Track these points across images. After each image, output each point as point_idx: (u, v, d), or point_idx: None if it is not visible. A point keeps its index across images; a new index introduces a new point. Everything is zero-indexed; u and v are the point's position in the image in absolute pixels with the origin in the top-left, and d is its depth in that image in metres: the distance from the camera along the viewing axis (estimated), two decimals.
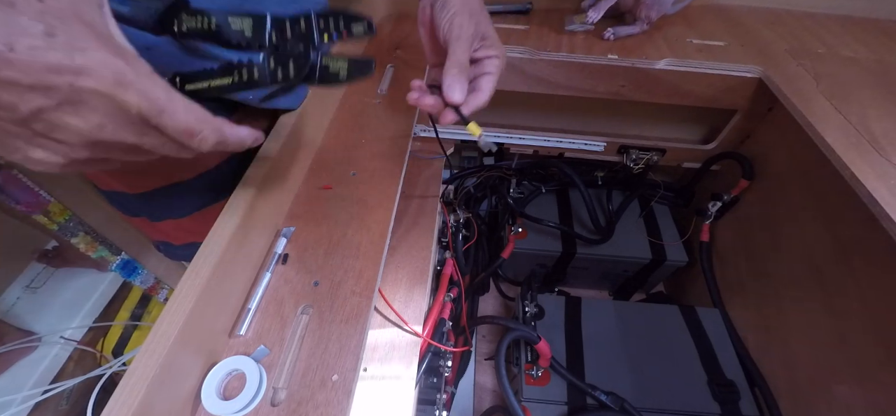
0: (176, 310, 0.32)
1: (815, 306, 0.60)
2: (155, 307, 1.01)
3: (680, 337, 0.72)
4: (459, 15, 0.37)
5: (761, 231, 0.72)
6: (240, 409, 0.34)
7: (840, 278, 0.56)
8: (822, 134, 0.52)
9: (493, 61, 0.39)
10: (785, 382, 0.64)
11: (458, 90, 0.36)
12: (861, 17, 0.81)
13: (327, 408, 0.34)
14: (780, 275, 0.67)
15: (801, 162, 0.63)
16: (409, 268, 0.46)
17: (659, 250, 0.84)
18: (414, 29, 0.74)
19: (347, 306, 0.40)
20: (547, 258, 0.87)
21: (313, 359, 0.37)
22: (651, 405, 0.63)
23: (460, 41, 0.37)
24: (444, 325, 0.46)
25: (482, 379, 0.87)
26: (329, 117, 0.58)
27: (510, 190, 0.89)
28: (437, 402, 0.49)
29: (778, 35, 0.74)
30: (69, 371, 0.94)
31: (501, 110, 0.82)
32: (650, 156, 0.80)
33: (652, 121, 0.81)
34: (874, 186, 0.45)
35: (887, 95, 0.59)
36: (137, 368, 0.29)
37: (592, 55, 0.67)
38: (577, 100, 0.73)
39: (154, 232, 0.54)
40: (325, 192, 0.50)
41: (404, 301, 0.43)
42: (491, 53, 0.39)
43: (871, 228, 0.49)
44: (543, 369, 0.65)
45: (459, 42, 0.37)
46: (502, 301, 0.98)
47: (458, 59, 0.36)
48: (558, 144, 0.79)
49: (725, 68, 0.66)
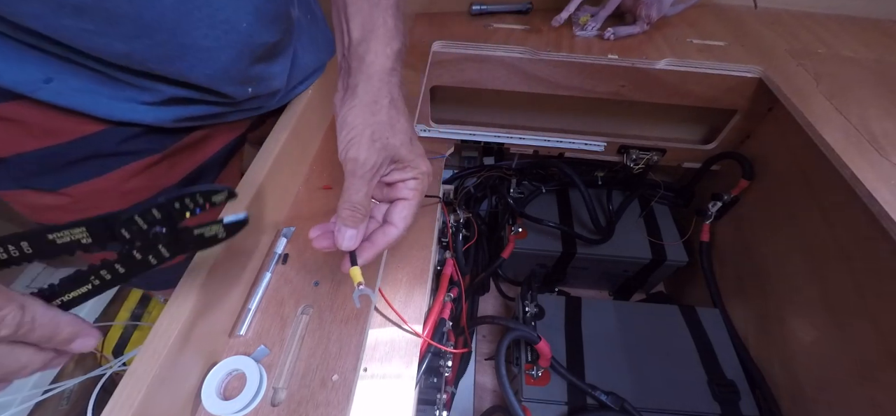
0: (176, 310, 0.32)
1: (815, 306, 0.60)
2: (155, 307, 1.01)
3: (680, 337, 0.72)
4: (356, 142, 0.31)
5: (761, 231, 0.72)
6: (240, 409, 0.34)
7: (840, 277, 0.56)
8: (823, 134, 0.52)
9: (409, 184, 0.34)
10: (785, 382, 0.64)
11: (347, 237, 0.32)
12: (861, 17, 0.81)
13: (327, 408, 0.34)
14: (780, 275, 0.67)
15: (801, 162, 0.63)
16: (410, 268, 0.46)
17: (659, 250, 0.84)
18: (415, 26, 0.74)
19: (347, 306, 0.40)
20: (547, 258, 0.87)
21: (313, 359, 0.37)
22: (651, 405, 0.63)
23: (354, 177, 0.31)
24: (444, 325, 0.46)
25: (482, 379, 0.87)
26: (329, 118, 0.58)
27: (510, 190, 0.89)
28: (438, 402, 0.49)
29: (778, 35, 0.74)
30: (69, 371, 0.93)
31: (501, 110, 0.82)
32: (650, 156, 0.80)
33: (652, 121, 0.81)
34: (874, 186, 0.45)
35: (887, 95, 0.59)
36: (137, 368, 0.29)
37: (592, 55, 0.67)
38: (577, 100, 0.73)
39: None
40: (325, 192, 0.50)
41: (404, 301, 0.43)
42: (407, 176, 0.34)
43: (871, 228, 0.49)
44: (543, 369, 0.65)
45: (353, 178, 0.31)
46: (502, 301, 0.98)
47: (350, 199, 0.31)
48: (558, 144, 0.79)
49: (725, 68, 0.66)
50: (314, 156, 0.54)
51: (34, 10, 0.28)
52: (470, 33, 0.73)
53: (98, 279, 0.25)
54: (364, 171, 0.31)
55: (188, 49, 0.35)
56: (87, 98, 0.35)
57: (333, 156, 0.54)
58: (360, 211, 0.32)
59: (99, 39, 0.31)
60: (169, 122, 0.40)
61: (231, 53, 0.37)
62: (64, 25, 0.29)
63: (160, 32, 0.32)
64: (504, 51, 0.68)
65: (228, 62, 0.38)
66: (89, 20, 0.29)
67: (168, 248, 0.26)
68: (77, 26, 0.29)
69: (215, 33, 0.35)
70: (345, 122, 0.32)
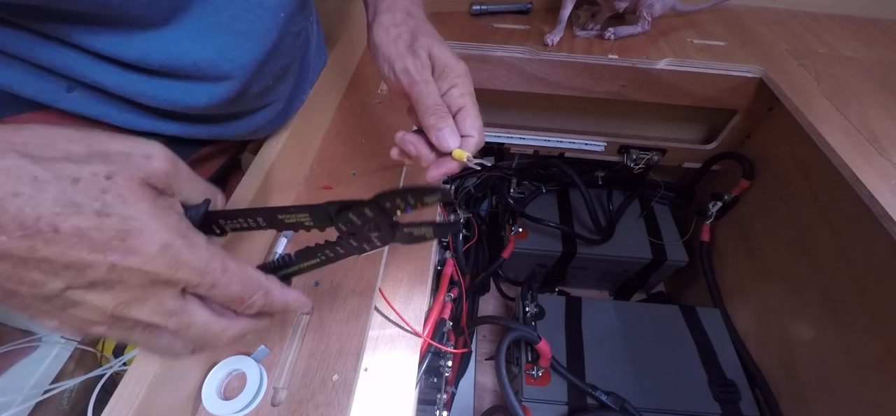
0: None
1: (815, 306, 0.60)
2: None
3: (680, 337, 0.72)
4: (398, 56, 0.33)
5: (761, 231, 0.72)
6: (240, 409, 0.34)
7: (840, 277, 0.56)
8: (823, 134, 0.52)
9: (452, 94, 0.33)
10: (785, 382, 0.64)
11: (446, 135, 0.31)
12: (861, 17, 0.81)
13: (328, 408, 0.34)
14: (781, 275, 0.67)
15: (801, 162, 0.63)
16: (410, 268, 0.46)
17: (659, 250, 0.84)
18: None
19: (347, 306, 0.40)
20: (547, 258, 0.87)
21: (314, 359, 0.37)
22: (651, 405, 0.63)
23: (416, 84, 0.32)
24: (444, 325, 0.46)
25: (482, 379, 0.87)
26: (329, 117, 0.58)
27: (510, 190, 0.89)
28: (438, 402, 0.49)
29: (778, 35, 0.74)
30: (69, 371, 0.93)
31: (501, 110, 0.82)
32: (650, 156, 0.80)
33: (652, 121, 0.81)
34: (874, 186, 0.45)
35: (887, 94, 0.59)
36: (138, 368, 0.29)
37: (593, 55, 0.67)
38: (578, 100, 0.73)
39: None
40: (325, 192, 0.50)
41: (404, 301, 0.43)
42: (446, 86, 0.33)
43: (871, 228, 0.49)
44: (544, 369, 0.65)
45: (416, 85, 0.32)
46: (502, 301, 0.98)
47: (427, 105, 0.32)
48: (558, 144, 0.79)
49: (726, 68, 0.66)
50: (314, 156, 0.54)
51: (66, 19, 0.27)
52: (470, 33, 0.73)
53: (324, 256, 0.28)
54: (421, 74, 0.32)
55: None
56: (109, 108, 0.35)
57: (334, 156, 0.54)
58: (442, 108, 0.32)
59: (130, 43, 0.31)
60: (189, 134, 0.40)
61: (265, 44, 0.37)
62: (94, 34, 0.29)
63: None
64: (504, 51, 0.68)
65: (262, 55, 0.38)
66: (121, 24, 0.29)
67: (380, 239, 0.28)
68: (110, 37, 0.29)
69: (250, 16, 0.35)
70: (378, 46, 0.33)
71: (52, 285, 0.18)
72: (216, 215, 0.25)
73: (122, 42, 0.31)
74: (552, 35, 0.69)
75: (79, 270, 0.18)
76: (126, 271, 0.18)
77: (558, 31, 0.69)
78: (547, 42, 0.69)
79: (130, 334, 0.21)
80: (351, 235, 0.27)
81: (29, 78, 0.32)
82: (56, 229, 0.17)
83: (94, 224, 0.18)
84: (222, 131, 0.42)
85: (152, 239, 0.19)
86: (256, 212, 0.26)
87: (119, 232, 0.18)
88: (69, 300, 0.19)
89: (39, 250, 0.17)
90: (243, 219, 0.26)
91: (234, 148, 0.49)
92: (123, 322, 0.20)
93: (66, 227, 0.17)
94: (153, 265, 0.19)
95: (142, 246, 0.19)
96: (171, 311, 0.20)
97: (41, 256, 0.17)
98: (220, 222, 0.26)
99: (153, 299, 0.20)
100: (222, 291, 0.22)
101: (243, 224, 0.26)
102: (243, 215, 0.26)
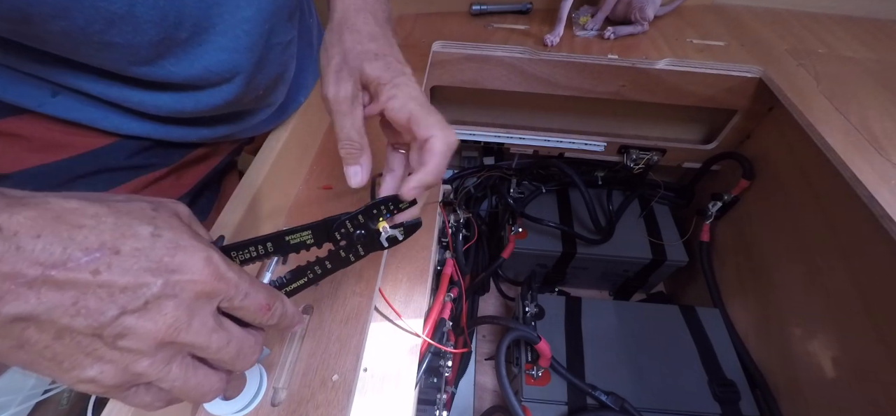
0: None
1: (815, 306, 0.60)
2: None
3: (680, 337, 0.72)
4: (323, 79, 0.31)
5: (761, 231, 0.72)
6: (240, 409, 0.33)
7: (840, 278, 0.56)
8: (823, 134, 0.52)
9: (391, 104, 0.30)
10: (785, 382, 0.64)
11: (350, 174, 0.32)
12: (861, 17, 0.81)
13: (328, 408, 0.34)
14: (781, 275, 0.67)
15: (801, 162, 0.63)
16: (410, 268, 0.46)
17: (659, 250, 0.84)
18: (415, 26, 0.74)
19: (347, 306, 0.40)
20: (547, 258, 0.87)
21: (313, 359, 0.37)
22: (651, 405, 0.63)
23: (333, 115, 0.31)
24: (444, 325, 0.46)
25: (482, 379, 0.87)
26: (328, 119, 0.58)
27: (510, 190, 0.89)
28: (438, 402, 0.49)
29: (778, 35, 0.74)
30: None
31: (501, 110, 0.82)
32: (650, 156, 0.80)
33: (652, 121, 0.81)
34: (874, 186, 0.45)
35: (887, 94, 0.59)
36: None
37: (592, 55, 0.67)
38: (577, 100, 0.73)
39: None
40: (325, 192, 0.50)
41: (404, 301, 0.43)
42: (382, 99, 0.30)
43: (871, 228, 0.49)
44: (543, 369, 0.65)
45: (333, 115, 0.31)
46: (502, 301, 0.98)
47: (339, 136, 0.31)
48: (558, 144, 0.79)
49: (725, 68, 0.66)
50: (314, 156, 0.54)
51: (62, 26, 0.27)
52: (470, 33, 0.73)
53: (312, 273, 0.29)
54: (338, 105, 0.30)
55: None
56: (95, 113, 0.35)
57: (334, 156, 0.54)
58: (354, 144, 0.31)
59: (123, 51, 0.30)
60: (177, 137, 0.40)
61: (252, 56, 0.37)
62: (92, 42, 0.29)
63: (182, 31, 0.32)
64: (504, 51, 0.68)
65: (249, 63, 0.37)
66: (117, 33, 0.29)
67: (364, 247, 0.30)
68: (102, 40, 0.29)
69: (235, 33, 0.35)
70: (319, 60, 0.32)
71: (109, 312, 0.19)
72: (228, 248, 0.27)
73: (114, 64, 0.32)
74: (551, 35, 0.69)
75: (135, 290, 0.19)
76: (178, 284, 0.20)
77: (557, 31, 0.69)
78: (546, 42, 0.69)
79: (170, 369, 0.21)
80: (342, 247, 0.29)
81: (11, 84, 0.32)
82: (117, 250, 0.19)
83: (149, 244, 0.20)
84: (212, 134, 0.42)
85: (197, 255, 0.21)
86: (265, 239, 0.27)
87: (169, 249, 0.20)
88: (121, 330, 0.19)
89: (102, 272, 0.18)
90: (253, 247, 0.27)
91: (229, 148, 0.49)
92: (170, 348, 0.21)
93: (126, 248, 0.19)
94: (202, 276, 0.21)
95: (190, 260, 0.20)
96: (212, 328, 0.21)
97: (103, 279, 0.18)
98: (231, 255, 0.27)
99: (198, 318, 0.21)
100: (253, 299, 0.23)
101: (253, 254, 0.27)
102: (253, 243, 0.27)
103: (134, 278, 0.19)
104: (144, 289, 0.19)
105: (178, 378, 0.21)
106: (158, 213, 0.21)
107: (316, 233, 0.28)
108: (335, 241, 0.29)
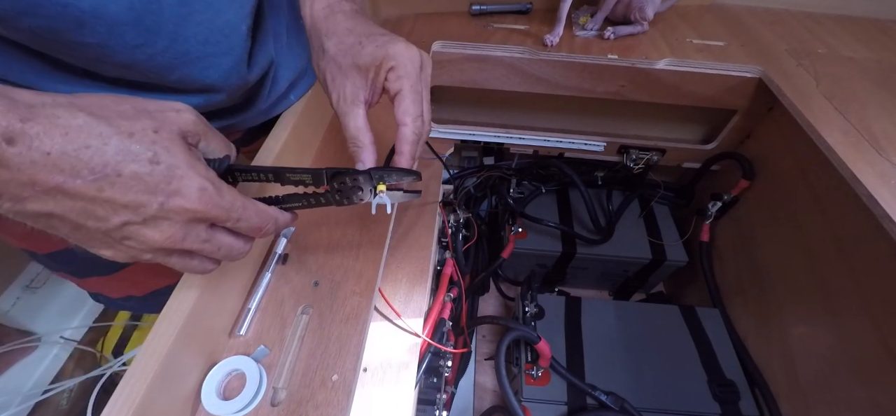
0: (176, 310, 0.32)
1: (815, 306, 0.60)
2: None
3: (680, 337, 0.72)
4: (324, 86, 0.36)
5: (761, 231, 0.72)
6: (240, 409, 0.34)
7: (840, 278, 0.56)
8: (823, 134, 0.52)
9: (389, 78, 0.34)
10: (785, 382, 0.64)
11: (360, 166, 0.34)
12: (861, 17, 0.81)
13: (327, 408, 0.34)
14: (780, 275, 0.67)
15: (801, 162, 0.63)
16: (409, 268, 0.46)
17: (659, 250, 0.84)
18: (415, 27, 0.74)
19: (347, 306, 0.40)
20: (547, 258, 0.87)
21: (313, 359, 0.37)
22: (651, 405, 0.63)
23: (338, 115, 0.35)
24: (444, 325, 0.46)
25: (482, 379, 0.87)
26: (329, 117, 0.58)
27: (510, 190, 0.89)
28: (437, 402, 0.49)
29: (778, 35, 0.74)
30: (69, 371, 0.94)
31: (501, 110, 0.82)
32: (650, 156, 0.80)
33: (652, 121, 0.81)
34: (874, 186, 0.45)
35: (887, 95, 0.59)
36: (137, 368, 0.29)
37: (592, 55, 0.67)
38: (577, 100, 0.73)
39: (86, 286, 0.52)
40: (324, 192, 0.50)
41: (404, 301, 0.43)
42: (382, 73, 0.33)
43: (871, 228, 0.49)
44: (543, 369, 0.65)
45: (338, 116, 0.35)
46: (502, 301, 0.98)
47: (346, 135, 0.35)
48: (558, 144, 0.79)
49: (725, 68, 0.66)
50: (314, 156, 0.54)
51: (33, 24, 0.27)
52: (470, 33, 0.73)
53: (306, 201, 0.33)
54: (340, 106, 0.34)
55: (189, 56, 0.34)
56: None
57: (334, 155, 0.54)
58: (357, 140, 0.34)
59: (100, 51, 0.30)
60: None
61: (232, 58, 0.37)
62: (64, 41, 0.28)
63: (161, 39, 0.32)
64: (504, 51, 0.68)
65: (230, 66, 0.37)
66: (89, 33, 0.28)
67: (359, 199, 0.33)
68: (77, 40, 0.28)
69: (216, 38, 0.35)
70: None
71: (114, 221, 0.22)
72: (233, 168, 0.30)
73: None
74: (551, 35, 0.69)
75: (135, 208, 0.22)
76: (172, 210, 0.23)
77: (557, 31, 0.69)
78: (546, 42, 0.69)
79: (169, 259, 0.26)
80: (338, 191, 0.33)
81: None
82: (119, 173, 0.21)
83: (147, 170, 0.22)
84: None
85: (192, 183, 0.23)
86: (267, 169, 0.31)
87: (166, 177, 0.23)
88: (126, 234, 0.23)
89: (105, 190, 0.21)
90: (256, 173, 0.31)
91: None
92: (168, 250, 0.25)
93: (126, 172, 0.22)
94: (193, 204, 0.24)
95: (184, 189, 0.23)
96: (204, 239, 0.26)
97: (106, 196, 0.21)
98: (234, 174, 0.30)
99: (192, 233, 0.25)
100: (245, 224, 0.27)
101: (254, 177, 0.31)
102: (256, 170, 0.31)
103: (134, 198, 0.22)
104: (143, 208, 0.22)
105: (177, 263, 0.26)
106: (159, 135, 0.23)
107: (315, 177, 0.32)
108: (332, 188, 0.32)
